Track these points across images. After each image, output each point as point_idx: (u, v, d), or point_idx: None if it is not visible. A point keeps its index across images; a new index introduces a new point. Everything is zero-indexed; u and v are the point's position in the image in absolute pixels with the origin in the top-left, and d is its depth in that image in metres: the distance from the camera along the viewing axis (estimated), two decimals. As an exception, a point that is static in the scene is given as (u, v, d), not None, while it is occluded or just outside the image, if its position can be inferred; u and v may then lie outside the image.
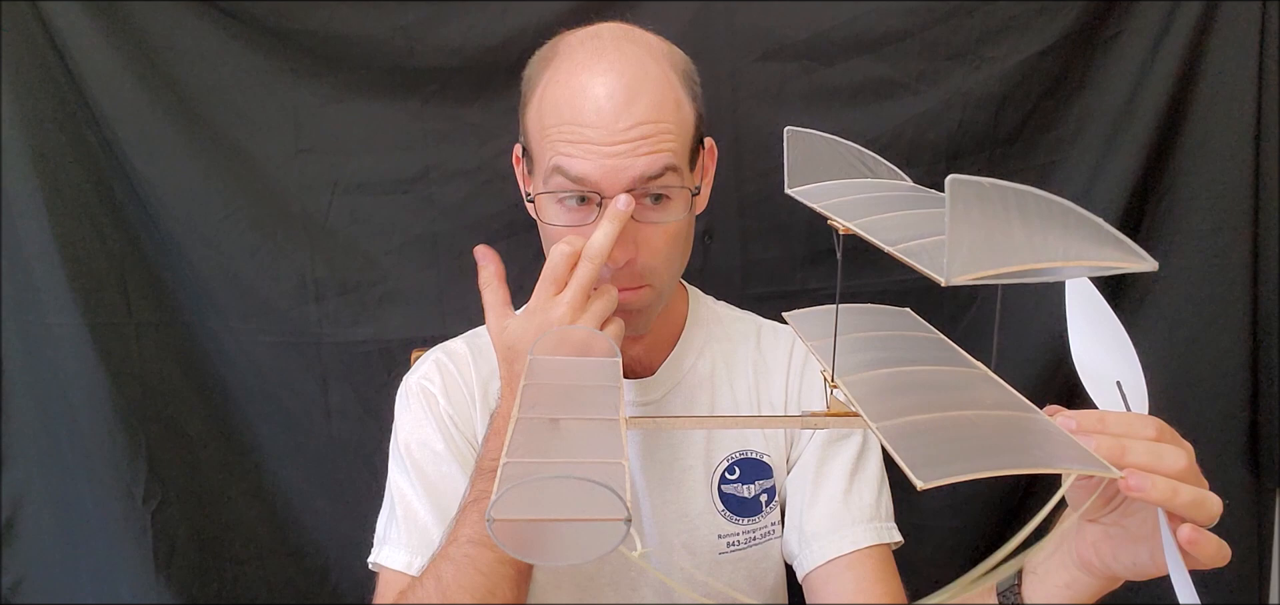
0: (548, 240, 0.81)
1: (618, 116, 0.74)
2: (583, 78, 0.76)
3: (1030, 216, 0.39)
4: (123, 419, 1.12)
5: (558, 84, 0.78)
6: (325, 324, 1.16)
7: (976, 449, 0.42)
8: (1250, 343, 1.15)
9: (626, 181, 0.75)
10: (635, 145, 0.74)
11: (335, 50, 1.12)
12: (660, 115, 0.76)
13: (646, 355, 0.90)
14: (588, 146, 0.74)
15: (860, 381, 0.49)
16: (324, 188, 1.15)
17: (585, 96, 0.75)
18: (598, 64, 0.77)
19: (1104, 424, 0.54)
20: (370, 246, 1.17)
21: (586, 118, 0.75)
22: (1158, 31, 1.10)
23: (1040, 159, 1.16)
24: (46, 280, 1.09)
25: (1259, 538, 1.19)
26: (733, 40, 1.14)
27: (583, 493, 0.38)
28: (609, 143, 0.74)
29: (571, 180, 0.75)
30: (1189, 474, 0.53)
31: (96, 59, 1.08)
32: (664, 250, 0.79)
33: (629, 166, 0.74)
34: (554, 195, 0.78)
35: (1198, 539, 0.53)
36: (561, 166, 0.75)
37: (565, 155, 0.75)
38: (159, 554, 1.15)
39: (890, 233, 0.44)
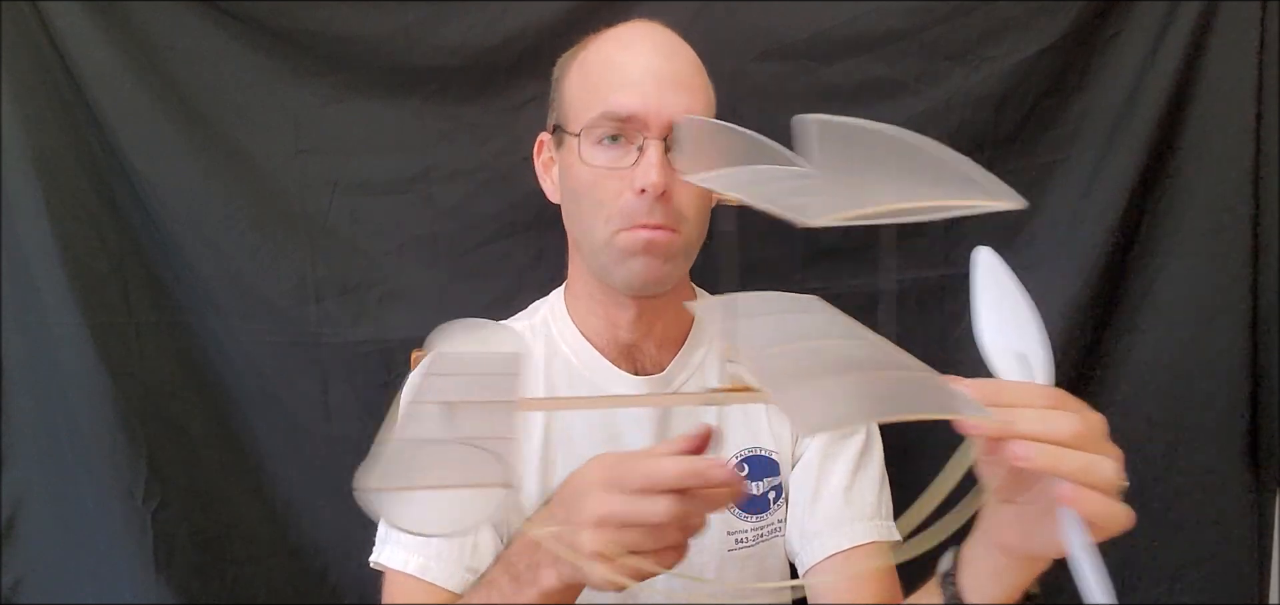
0: (580, 182, 0.82)
1: (661, 64, 0.82)
2: (626, 38, 0.85)
3: (884, 156, 0.39)
4: (123, 419, 1.12)
5: (601, 49, 0.85)
6: (325, 324, 1.16)
7: (865, 401, 0.43)
8: (1250, 343, 1.15)
9: (665, 119, 0.79)
10: (676, 90, 0.81)
11: (335, 50, 1.12)
12: (694, 77, 0.84)
13: (656, 353, 0.90)
14: (633, 87, 0.80)
15: (760, 355, 0.49)
16: (324, 188, 1.15)
17: (631, 50, 0.83)
18: (637, 31, 0.86)
19: (999, 393, 0.53)
20: (370, 246, 1.17)
21: (632, 64, 0.82)
22: (1158, 31, 1.10)
23: (1040, 159, 1.16)
24: (46, 280, 1.09)
25: (1259, 538, 1.19)
26: (733, 40, 1.14)
27: (468, 460, 0.39)
28: (653, 83, 0.80)
29: (618, 118, 0.80)
30: (1083, 440, 0.52)
31: (96, 59, 1.08)
32: (693, 200, 0.82)
33: (669, 105, 0.79)
34: (594, 134, 0.81)
35: (1078, 498, 0.50)
36: (609, 107, 0.80)
37: (613, 95, 0.80)
38: (159, 554, 1.15)
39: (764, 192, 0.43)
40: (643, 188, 0.78)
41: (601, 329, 0.89)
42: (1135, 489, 1.30)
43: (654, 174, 0.78)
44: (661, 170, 0.78)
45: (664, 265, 0.82)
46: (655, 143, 0.79)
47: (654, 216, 0.79)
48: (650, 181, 0.78)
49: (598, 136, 0.81)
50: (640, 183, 0.78)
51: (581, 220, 0.85)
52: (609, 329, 0.89)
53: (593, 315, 0.89)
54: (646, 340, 0.89)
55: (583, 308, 0.90)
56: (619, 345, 0.89)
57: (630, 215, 0.79)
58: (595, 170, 0.81)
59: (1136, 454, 1.18)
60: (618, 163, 0.80)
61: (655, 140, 0.79)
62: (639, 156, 0.79)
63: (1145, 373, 1.17)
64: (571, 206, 0.86)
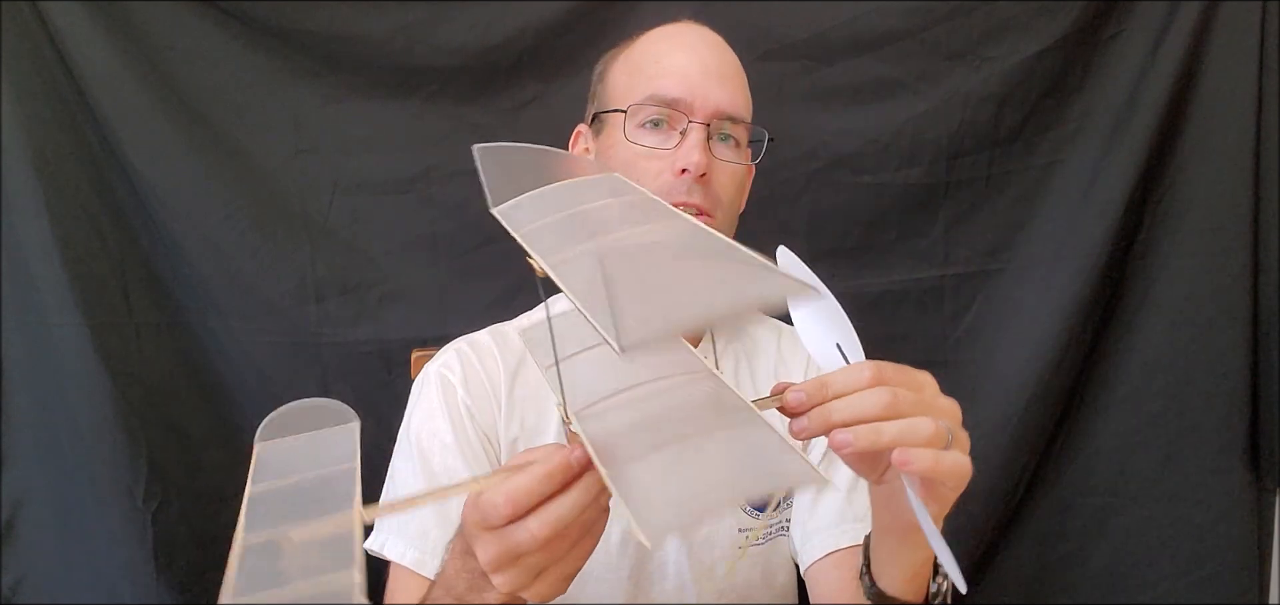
0: (623, 162, 0.84)
1: (708, 56, 0.85)
2: (675, 33, 0.88)
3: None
4: (123, 419, 1.12)
5: (651, 42, 0.87)
6: (325, 324, 1.16)
7: (702, 487, 0.42)
8: (1250, 343, 1.15)
9: (710, 106, 0.82)
10: (721, 81, 0.84)
11: (335, 50, 1.12)
12: (738, 75, 0.87)
13: None
14: (681, 74, 0.83)
15: (595, 416, 0.48)
16: (324, 188, 1.15)
17: (679, 41, 0.86)
18: (686, 28, 0.89)
19: (823, 388, 0.55)
20: (370, 246, 1.17)
21: (680, 54, 0.84)
22: (1158, 31, 1.10)
23: (1040, 158, 1.16)
24: (47, 281, 1.09)
25: (1259, 538, 1.19)
26: (733, 40, 1.13)
27: None
28: (700, 73, 0.83)
29: (665, 101, 0.82)
30: (897, 408, 0.54)
31: (97, 59, 1.08)
32: (730, 187, 0.85)
33: (715, 94, 0.82)
34: (639, 117, 0.84)
35: (905, 461, 0.52)
36: (656, 89, 0.82)
37: (661, 79, 0.83)
38: (159, 554, 1.15)
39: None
40: (684, 168, 0.80)
41: None
42: (1135, 489, 1.31)
43: (697, 155, 0.80)
44: (704, 152, 0.81)
45: None
46: (699, 127, 0.82)
47: (692, 197, 0.81)
48: (693, 162, 0.80)
49: (643, 118, 0.84)
50: (682, 163, 0.81)
51: None
52: None
53: None
54: None
55: None
56: None
57: (669, 194, 0.81)
58: (636, 150, 0.83)
59: (1136, 453, 1.18)
60: (661, 145, 0.83)
61: (699, 125, 0.82)
62: (681, 140, 0.82)
63: (1145, 373, 1.17)
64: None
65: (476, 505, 0.53)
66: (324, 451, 0.51)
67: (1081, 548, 1.22)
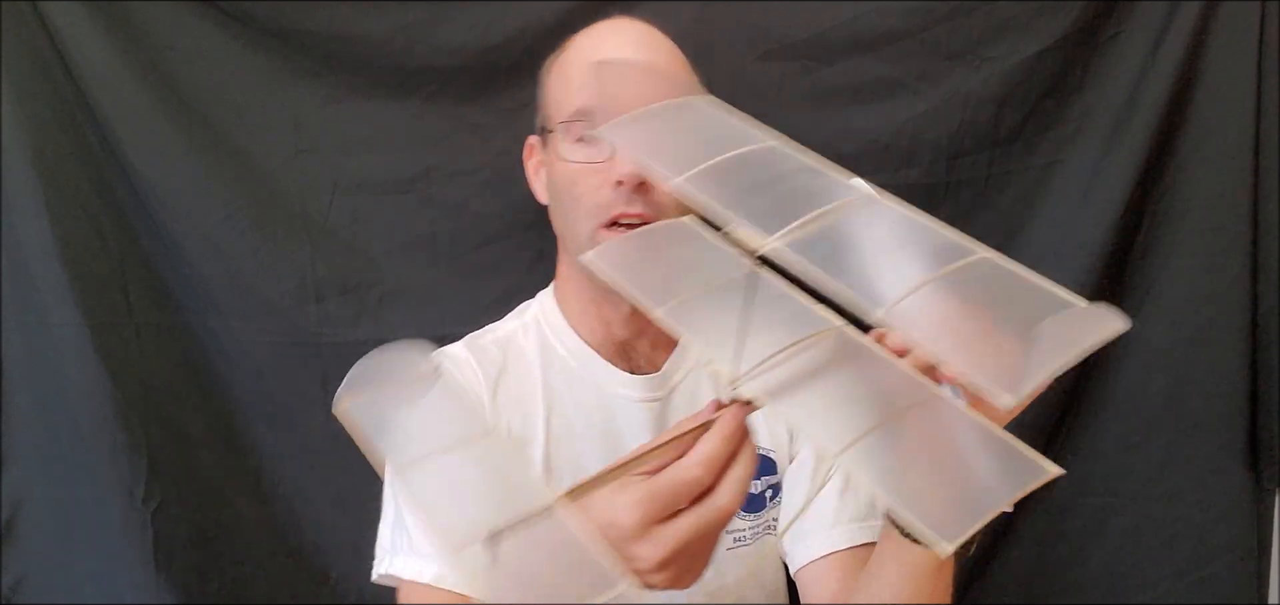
0: (562, 179, 0.82)
1: (636, 54, 0.82)
2: (604, 33, 0.84)
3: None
4: (123, 419, 1.12)
5: (580, 46, 0.84)
6: (325, 324, 1.16)
7: (960, 482, 0.40)
8: (1250, 343, 1.15)
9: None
10: (653, 81, 0.78)
11: (335, 50, 1.12)
12: (672, 68, 0.83)
13: (651, 352, 0.89)
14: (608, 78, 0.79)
15: (766, 383, 0.46)
16: (324, 188, 1.15)
17: (605, 44, 0.83)
18: (612, 26, 0.85)
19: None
20: (371, 246, 1.17)
21: (607, 56, 0.81)
22: (1158, 31, 1.10)
23: (1040, 159, 1.16)
24: (47, 280, 1.09)
25: (1259, 538, 1.19)
26: (733, 40, 1.14)
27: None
28: (628, 75, 0.78)
29: (592, 112, 0.79)
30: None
31: (96, 59, 1.08)
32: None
33: (645, 95, 0.76)
34: (572, 131, 0.81)
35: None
36: (583, 102, 0.80)
37: (588, 90, 0.80)
38: (159, 554, 1.15)
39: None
40: (619, 180, 0.77)
41: (595, 327, 0.88)
42: (1135, 489, 1.31)
43: (629, 164, 0.76)
44: (637, 162, 0.76)
45: None
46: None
47: (633, 208, 0.78)
48: (627, 173, 0.77)
49: (574, 133, 0.80)
50: (618, 174, 0.77)
51: (564, 217, 0.84)
52: (602, 327, 0.88)
53: (586, 314, 0.89)
54: (641, 338, 0.88)
55: (575, 306, 0.89)
56: (614, 343, 0.88)
57: (608, 209, 0.78)
58: (573, 167, 0.80)
59: (1136, 454, 1.18)
60: (595, 157, 0.79)
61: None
62: (615, 150, 0.78)
63: (1145, 373, 1.17)
64: (555, 205, 0.86)
65: (654, 494, 0.48)
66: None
67: (1081, 548, 1.22)
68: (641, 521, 0.48)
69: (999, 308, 0.40)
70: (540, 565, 0.39)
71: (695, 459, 0.48)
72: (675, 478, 0.48)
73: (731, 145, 0.49)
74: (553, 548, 0.39)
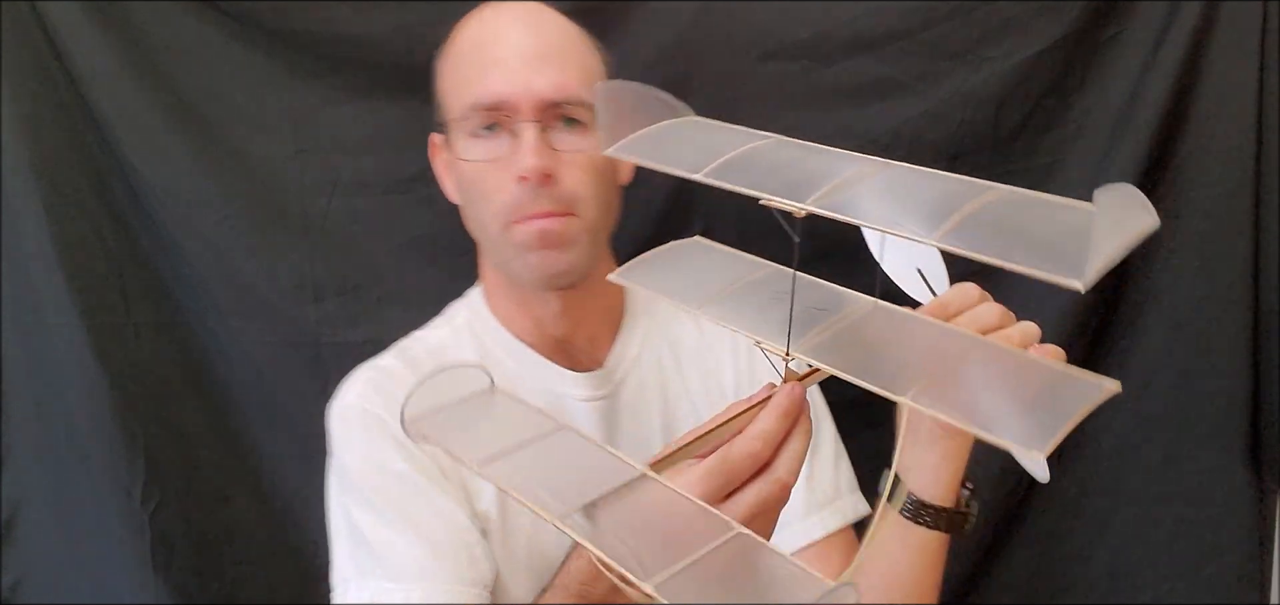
0: (465, 179, 0.79)
1: (526, 40, 0.77)
2: (488, 21, 0.79)
3: None
4: (121, 419, 1.12)
5: (466, 38, 0.80)
6: (324, 324, 1.16)
7: (1031, 406, 0.43)
8: (1250, 343, 1.15)
9: (536, 98, 0.74)
10: (543, 64, 0.75)
11: (335, 50, 1.12)
12: (565, 45, 0.79)
13: (592, 346, 0.87)
14: (498, 69, 0.75)
15: (816, 349, 0.47)
16: (323, 188, 1.14)
17: (493, 31, 0.78)
18: (500, 12, 0.80)
19: (945, 307, 0.64)
20: (370, 247, 1.17)
21: (495, 47, 0.76)
22: (1158, 31, 1.10)
23: (1041, 159, 1.16)
24: (45, 280, 1.09)
25: (1259, 538, 1.19)
26: (733, 40, 1.13)
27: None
28: (519, 62, 0.75)
29: (485, 107, 0.75)
30: (1008, 316, 0.65)
31: (96, 59, 1.08)
32: (586, 178, 0.77)
33: (538, 83, 0.75)
34: (468, 127, 0.77)
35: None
36: (475, 97, 0.76)
37: (478, 82, 0.76)
38: (157, 554, 1.14)
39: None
40: (523, 175, 0.74)
41: (529, 326, 0.84)
42: (1135, 489, 1.31)
43: (531, 158, 0.73)
44: (539, 154, 0.74)
45: (564, 254, 0.77)
46: (529, 125, 0.74)
47: (541, 204, 0.75)
48: (529, 167, 0.73)
49: (471, 129, 0.77)
50: (519, 169, 0.74)
51: (473, 218, 0.81)
52: (536, 326, 0.84)
53: (518, 313, 0.85)
54: (577, 332, 0.85)
55: (505, 306, 0.85)
56: (550, 340, 0.85)
57: (517, 206, 0.75)
58: (475, 165, 0.77)
59: (1136, 454, 1.18)
60: (495, 153, 0.76)
61: (529, 122, 0.74)
62: (515, 142, 0.75)
63: (1145, 373, 1.17)
64: (465, 205, 0.82)
65: (714, 471, 0.49)
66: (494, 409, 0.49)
67: (1082, 548, 1.22)
68: (703, 499, 0.48)
69: (1032, 229, 0.43)
70: (641, 525, 0.40)
71: (754, 434, 0.49)
72: (735, 453, 0.49)
73: (732, 147, 0.51)
74: (651, 509, 0.40)
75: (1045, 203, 0.44)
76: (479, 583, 0.75)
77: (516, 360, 0.84)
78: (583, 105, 0.77)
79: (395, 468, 0.76)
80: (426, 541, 0.74)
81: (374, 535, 0.75)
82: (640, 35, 1.13)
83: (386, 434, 0.77)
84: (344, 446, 0.79)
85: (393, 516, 0.75)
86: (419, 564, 0.74)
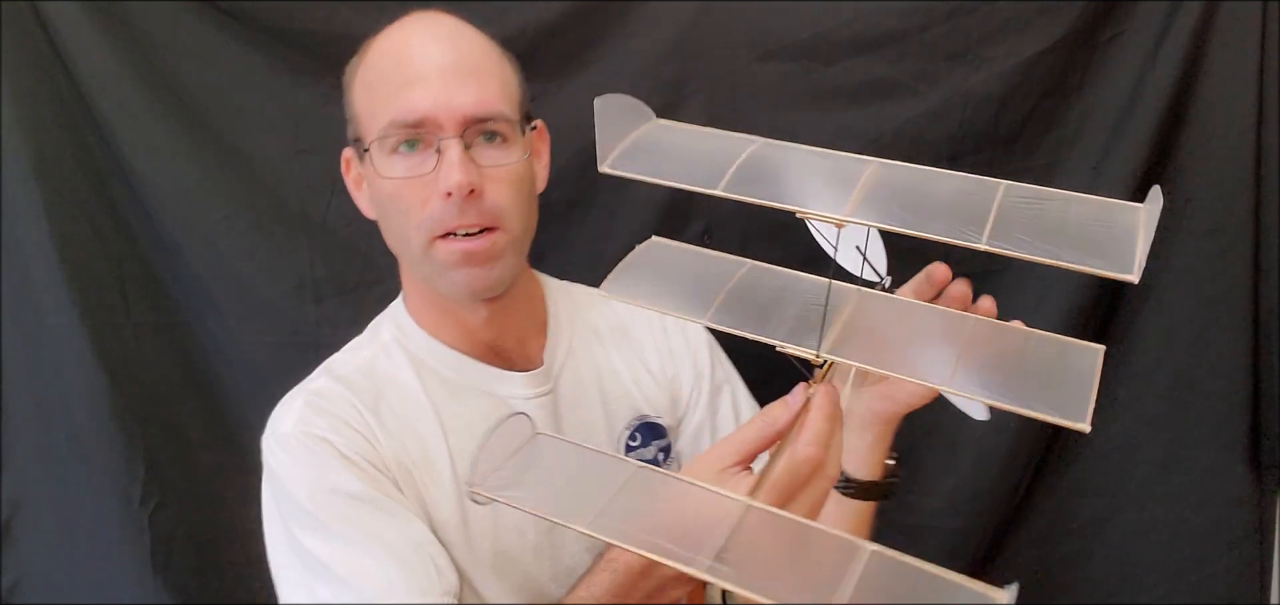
0: (385, 195, 0.78)
1: (445, 55, 0.77)
2: (405, 36, 0.79)
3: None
4: (120, 419, 1.12)
5: (381, 52, 0.79)
6: (324, 324, 1.16)
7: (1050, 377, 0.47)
8: (1250, 343, 1.15)
9: (459, 115, 0.75)
10: (464, 80, 0.76)
11: (335, 50, 1.11)
12: (484, 61, 0.79)
13: (522, 346, 0.87)
14: (420, 85, 0.75)
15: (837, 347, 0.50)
16: (323, 188, 1.14)
17: (411, 46, 0.77)
18: (416, 26, 0.79)
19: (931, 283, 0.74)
20: (370, 247, 1.16)
21: (415, 63, 0.76)
22: (1158, 32, 1.10)
23: (1041, 159, 1.16)
24: (45, 280, 1.09)
25: (1259, 538, 1.19)
26: (733, 40, 1.13)
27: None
28: (439, 78, 0.75)
29: (408, 124, 0.75)
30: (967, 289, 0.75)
31: (95, 59, 1.08)
32: (509, 192, 0.78)
33: (460, 99, 0.75)
34: (389, 144, 0.76)
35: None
36: (396, 114, 0.75)
37: (398, 98, 0.75)
38: (156, 555, 1.15)
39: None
40: (448, 191, 0.74)
41: (459, 335, 0.84)
42: (1135, 489, 1.30)
43: (457, 174, 0.73)
44: (465, 169, 0.74)
45: (491, 269, 0.78)
46: (453, 141, 0.74)
47: (466, 219, 0.75)
48: (454, 183, 0.73)
49: (392, 145, 0.76)
50: (444, 186, 0.74)
51: (394, 234, 0.80)
52: (465, 333, 0.84)
53: (445, 322, 0.84)
54: (506, 335, 0.85)
55: (433, 318, 0.84)
56: (481, 345, 0.84)
57: (441, 221, 0.75)
58: (396, 181, 0.76)
59: (1136, 454, 1.18)
60: (417, 169, 0.75)
61: (453, 139, 0.74)
62: (439, 159, 0.74)
63: (1145, 373, 1.17)
64: (384, 221, 0.82)
65: (780, 482, 0.52)
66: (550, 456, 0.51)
67: (1081, 548, 1.22)
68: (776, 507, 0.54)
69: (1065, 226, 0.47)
70: (773, 559, 0.43)
71: (810, 440, 0.53)
72: (799, 461, 0.53)
73: (730, 152, 0.52)
74: (774, 541, 0.44)
75: (1058, 198, 0.49)
76: (449, 593, 0.75)
77: (453, 368, 0.84)
78: (504, 119, 0.78)
79: (350, 488, 0.74)
80: (394, 558, 0.73)
81: (335, 560, 0.72)
82: (640, 35, 1.14)
83: (336, 455, 0.75)
84: (288, 476, 0.76)
85: (357, 537, 0.73)
86: (389, 580, 0.72)
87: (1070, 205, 0.48)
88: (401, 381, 0.82)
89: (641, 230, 1.18)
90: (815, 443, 0.53)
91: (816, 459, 0.53)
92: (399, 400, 0.80)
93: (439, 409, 0.81)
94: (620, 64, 1.14)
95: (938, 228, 0.43)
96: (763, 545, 0.43)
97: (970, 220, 0.43)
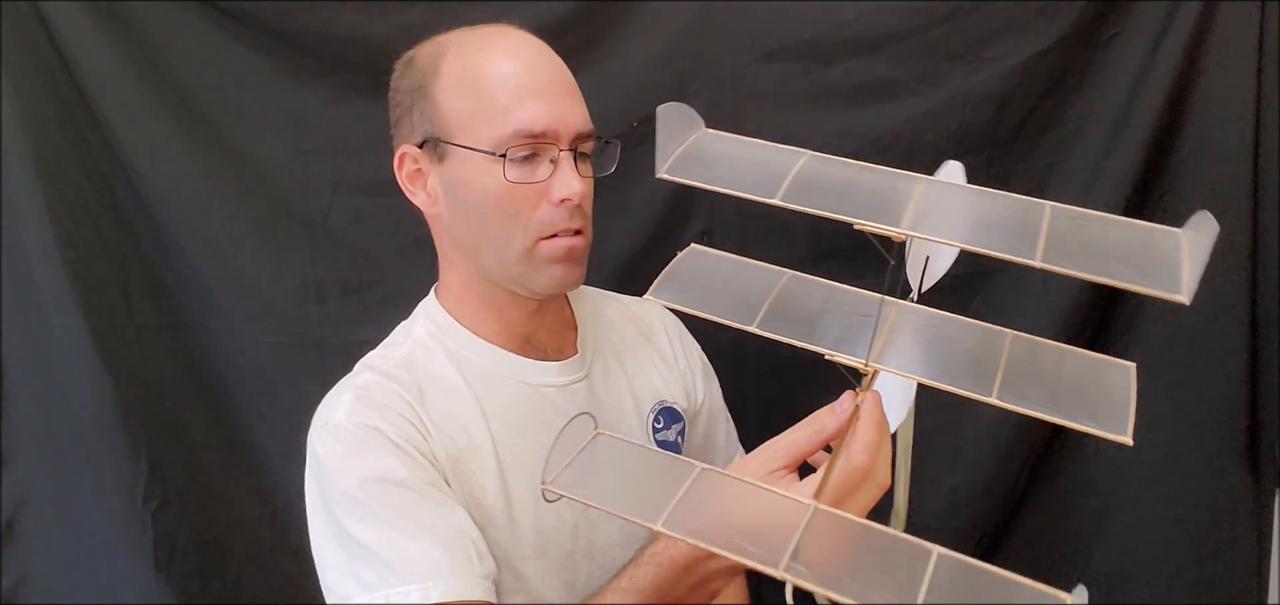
0: (490, 198, 0.80)
1: (555, 73, 0.83)
2: (507, 47, 0.82)
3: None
4: (123, 420, 1.12)
5: (484, 59, 0.82)
6: (327, 325, 1.16)
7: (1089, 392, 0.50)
8: (1250, 343, 1.15)
9: (572, 129, 0.81)
10: (574, 97, 0.83)
11: (336, 51, 1.12)
12: (576, 84, 0.85)
13: (555, 338, 0.91)
14: (539, 100, 0.79)
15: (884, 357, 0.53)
16: (325, 188, 1.15)
17: (520, 60, 0.81)
18: (516, 39, 0.84)
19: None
20: (372, 247, 1.17)
21: (530, 77, 0.80)
22: (1157, 31, 1.10)
23: (1040, 159, 1.16)
24: (48, 281, 1.09)
25: (1259, 538, 1.19)
26: (733, 41, 1.14)
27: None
28: (554, 95, 0.81)
29: (533, 135, 0.79)
30: None
31: (97, 60, 1.08)
32: (590, 201, 0.85)
33: (573, 115, 0.81)
34: (514, 152, 0.80)
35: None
36: (520, 125, 0.79)
37: (520, 111, 0.79)
38: (159, 555, 1.15)
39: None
40: (563, 198, 0.80)
41: (499, 328, 0.88)
42: (1135, 489, 1.31)
43: (575, 183, 0.80)
44: (580, 180, 0.81)
45: (580, 268, 0.85)
46: (567, 153, 0.81)
47: (573, 222, 0.82)
48: (573, 190, 0.80)
49: (518, 154, 0.80)
50: (561, 194, 0.80)
51: (490, 232, 0.83)
52: (506, 327, 0.88)
53: (489, 317, 0.87)
54: (541, 328, 0.90)
55: (477, 313, 0.88)
56: (520, 338, 0.89)
57: (550, 224, 0.81)
58: (510, 187, 0.80)
59: (1136, 454, 1.18)
60: (530, 176, 0.80)
61: (567, 151, 0.81)
62: (554, 169, 0.80)
63: (1145, 373, 1.16)
64: (475, 220, 0.83)
65: (836, 490, 0.56)
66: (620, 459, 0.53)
67: (1081, 548, 1.22)
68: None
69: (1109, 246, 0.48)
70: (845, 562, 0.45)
71: (860, 448, 0.57)
72: (852, 468, 0.57)
73: (780, 166, 0.54)
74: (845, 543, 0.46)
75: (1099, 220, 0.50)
76: (487, 577, 0.78)
77: (492, 361, 0.87)
78: (591, 138, 0.85)
79: (398, 475, 0.77)
80: (440, 543, 0.76)
81: (381, 545, 0.75)
82: (640, 35, 1.14)
83: (387, 443, 0.78)
84: (338, 466, 0.79)
85: (405, 524, 0.75)
86: (436, 564, 0.75)
87: (1109, 227, 0.50)
88: (441, 374, 0.85)
89: (641, 230, 1.19)
90: (865, 452, 0.56)
91: (868, 467, 0.56)
92: (441, 392, 0.83)
93: (480, 398, 0.84)
94: (621, 64, 1.14)
95: (994, 243, 0.46)
96: (833, 547, 0.45)
97: (1023, 237, 0.46)
